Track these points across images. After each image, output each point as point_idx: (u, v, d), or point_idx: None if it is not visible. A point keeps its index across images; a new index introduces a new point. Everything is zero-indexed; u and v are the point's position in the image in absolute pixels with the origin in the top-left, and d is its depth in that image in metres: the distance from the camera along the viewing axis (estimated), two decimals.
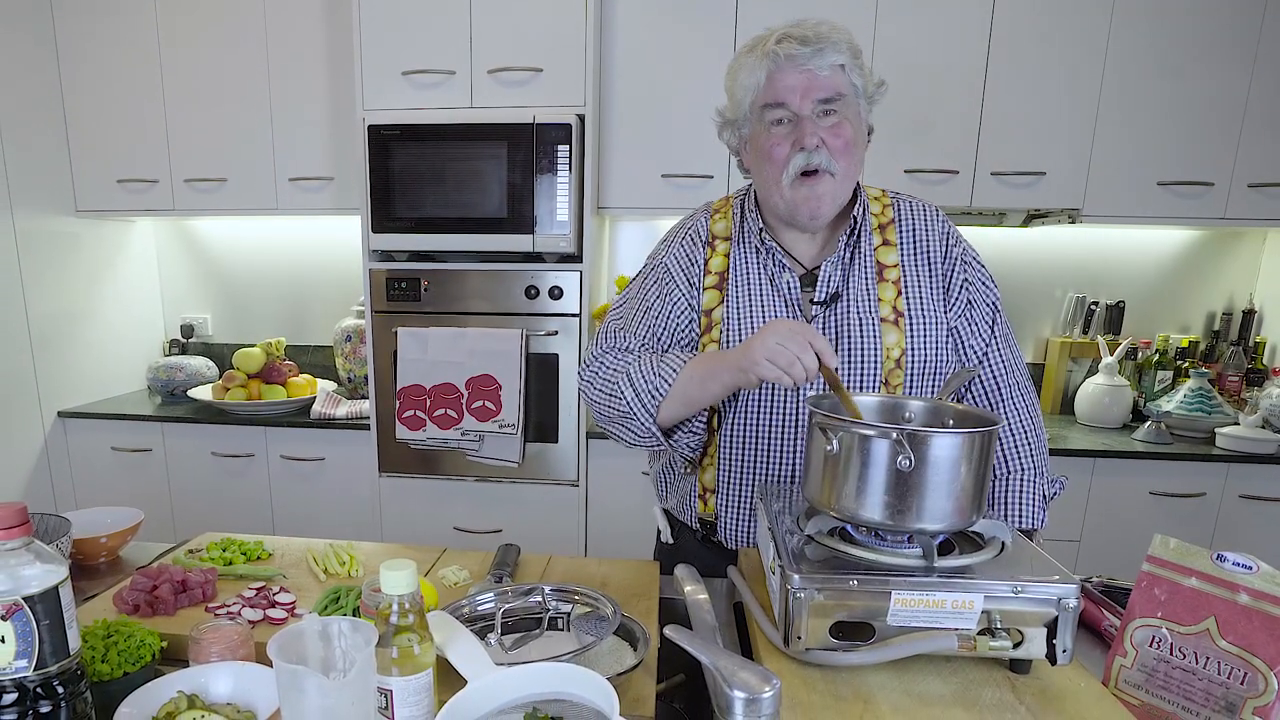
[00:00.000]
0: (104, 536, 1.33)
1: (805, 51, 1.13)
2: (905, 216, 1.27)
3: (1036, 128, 2.45)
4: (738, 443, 1.28)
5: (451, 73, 2.41)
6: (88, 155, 2.81)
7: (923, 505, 0.85)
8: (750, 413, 1.26)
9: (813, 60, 1.13)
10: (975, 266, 1.28)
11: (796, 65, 1.14)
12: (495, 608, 1.02)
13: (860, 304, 1.23)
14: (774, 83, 1.16)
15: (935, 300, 1.24)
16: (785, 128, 1.17)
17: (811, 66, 1.13)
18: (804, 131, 1.15)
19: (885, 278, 1.24)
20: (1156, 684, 0.86)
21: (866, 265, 1.24)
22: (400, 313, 2.53)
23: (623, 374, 1.25)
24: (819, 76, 1.14)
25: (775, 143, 1.18)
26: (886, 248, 1.25)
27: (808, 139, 1.15)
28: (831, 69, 1.14)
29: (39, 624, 0.72)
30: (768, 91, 1.17)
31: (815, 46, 1.12)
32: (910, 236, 1.26)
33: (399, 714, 0.73)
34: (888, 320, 1.22)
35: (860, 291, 1.23)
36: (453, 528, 2.62)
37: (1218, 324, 2.84)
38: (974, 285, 1.26)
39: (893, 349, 1.21)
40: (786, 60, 1.14)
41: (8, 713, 0.73)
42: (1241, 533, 2.37)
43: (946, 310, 1.25)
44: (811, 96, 1.14)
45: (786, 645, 0.86)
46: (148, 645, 0.91)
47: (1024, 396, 1.29)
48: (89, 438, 2.79)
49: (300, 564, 1.26)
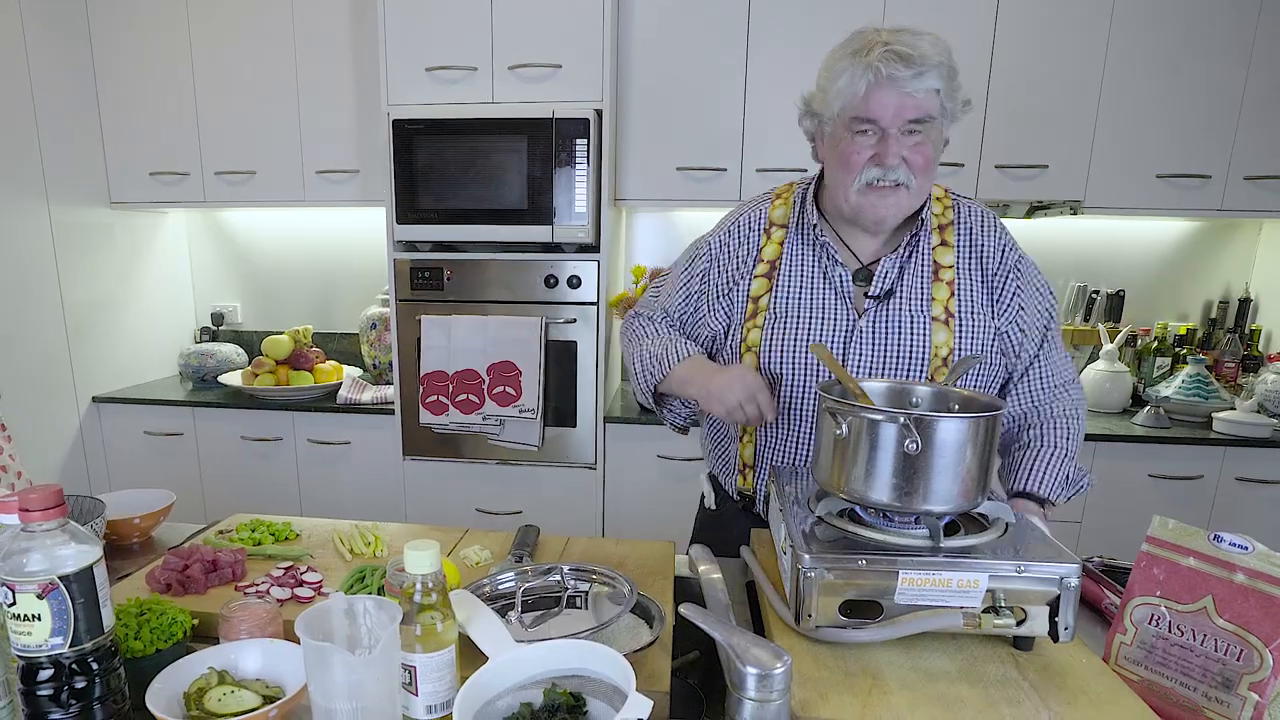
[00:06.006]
0: (137, 518, 1.35)
1: (906, 74, 1.11)
2: (965, 219, 1.28)
3: (1039, 122, 2.48)
4: (777, 425, 1.31)
5: (473, 69, 2.44)
6: (121, 149, 2.86)
7: (929, 487, 0.86)
8: (791, 394, 1.28)
9: (912, 83, 1.11)
10: (1031, 274, 1.28)
11: (896, 85, 1.12)
12: (516, 586, 1.03)
13: (914, 301, 1.24)
14: (870, 98, 1.14)
15: (984, 304, 1.25)
16: (869, 139, 1.17)
17: (910, 89, 1.12)
18: (888, 150, 1.15)
19: (940, 278, 1.25)
20: (1155, 660, 0.88)
21: (924, 264, 1.25)
22: (424, 301, 2.57)
23: (639, 345, 1.41)
24: (914, 99, 1.13)
25: (856, 150, 1.18)
26: (944, 248, 1.26)
27: (890, 158, 1.15)
28: (927, 92, 1.13)
29: (74, 602, 0.73)
30: (862, 105, 1.15)
31: (917, 70, 1.10)
32: (967, 239, 1.26)
33: (422, 689, 0.74)
34: (939, 319, 1.23)
35: (915, 289, 1.24)
36: (474, 509, 2.66)
37: (1215, 312, 2.89)
38: (1027, 292, 1.26)
39: (941, 348, 1.22)
40: (888, 79, 1.12)
41: (44, 688, 0.73)
42: (1238, 514, 2.40)
43: (995, 315, 1.25)
44: (903, 116, 1.14)
45: (797, 623, 0.88)
46: (179, 623, 0.92)
47: (1071, 395, 1.31)
48: (122, 422, 2.85)
49: (327, 544, 1.28)
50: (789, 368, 1.27)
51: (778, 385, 1.28)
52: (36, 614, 0.72)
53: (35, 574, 0.72)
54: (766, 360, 1.28)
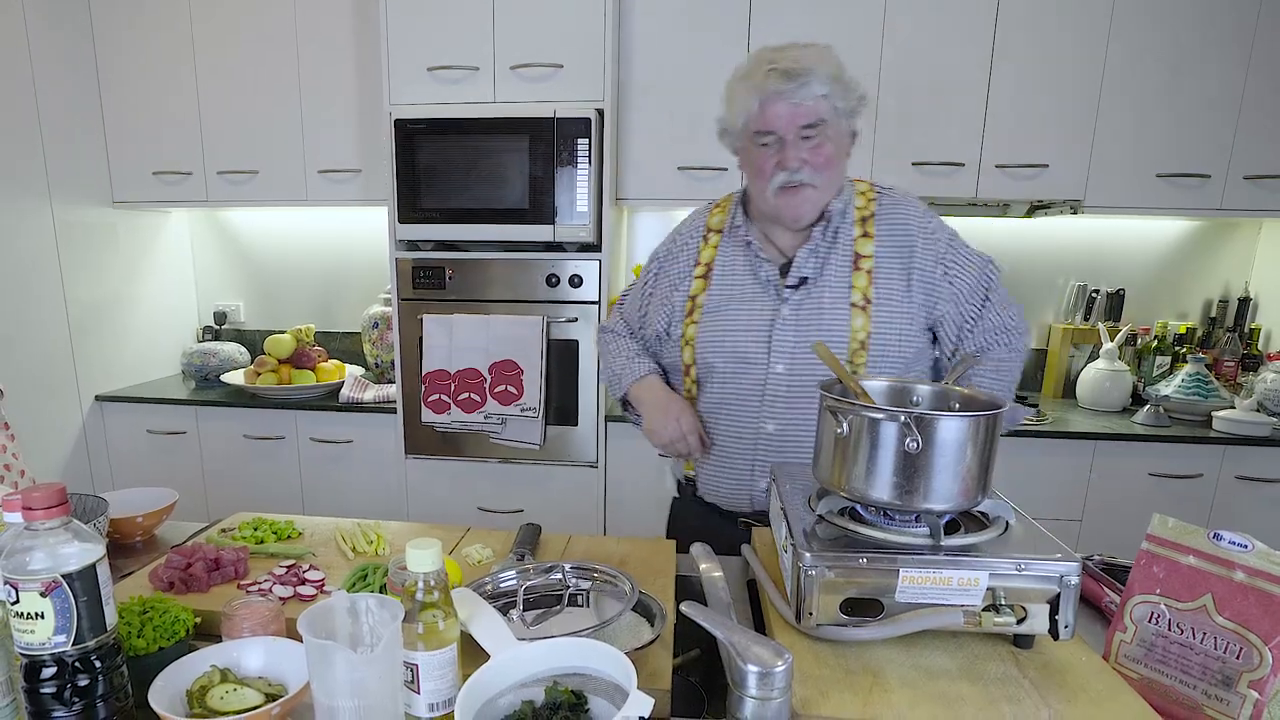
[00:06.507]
0: (140, 516, 1.35)
1: (790, 86, 1.24)
2: (886, 211, 1.37)
3: (1039, 122, 2.49)
4: (709, 411, 1.43)
5: (475, 68, 2.44)
6: (124, 148, 2.87)
7: (930, 486, 0.87)
8: (724, 383, 1.40)
9: (797, 94, 1.25)
10: (962, 253, 1.35)
11: (784, 98, 1.26)
12: (517, 585, 1.03)
13: (833, 289, 1.34)
14: (763, 112, 1.28)
15: (904, 289, 1.33)
16: (772, 149, 1.30)
17: (796, 99, 1.25)
18: (788, 155, 1.28)
19: (860, 267, 1.34)
20: (1155, 658, 0.88)
21: (845, 255, 1.35)
22: (426, 300, 2.57)
23: (604, 360, 1.59)
24: (803, 106, 1.26)
25: (763, 159, 1.32)
26: (865, 239, 1.35)
27: (791, 161, 1.28)
28: (814, 99, 1.26)
29: (77, 600, 0.73)
30: (758, 119, 1.29)
31: (800, 81, 1.24)
32: (888, 229, 1.35)
33: (424, 687, 0.75)
34: (857, 305, 1.32)
35: (834, 278, 1.34)
36: (476, 508, 2.67)
37: (1214, 311, 2.90)
38: (959, 271, 1.34)
39: (858, 331, 1.31)
40: (774, 94, 1.26)
41: (47, 686, 0.73)
42: (1237, 512, 2.40)
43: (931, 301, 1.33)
44: (796, 123, 1.27)
45: (798, 621, 0.88)
46: (182, 621, 0.92)
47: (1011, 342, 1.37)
48: (125, 421, 2.86)
49: (329, 543, 1.29)
50: (721, 358, 1.39)
51: (711, 375, 1.41)
52: (40, 612, 0.72)
53: (38, 572, 0.72)
54: (701, 351, 1.41)
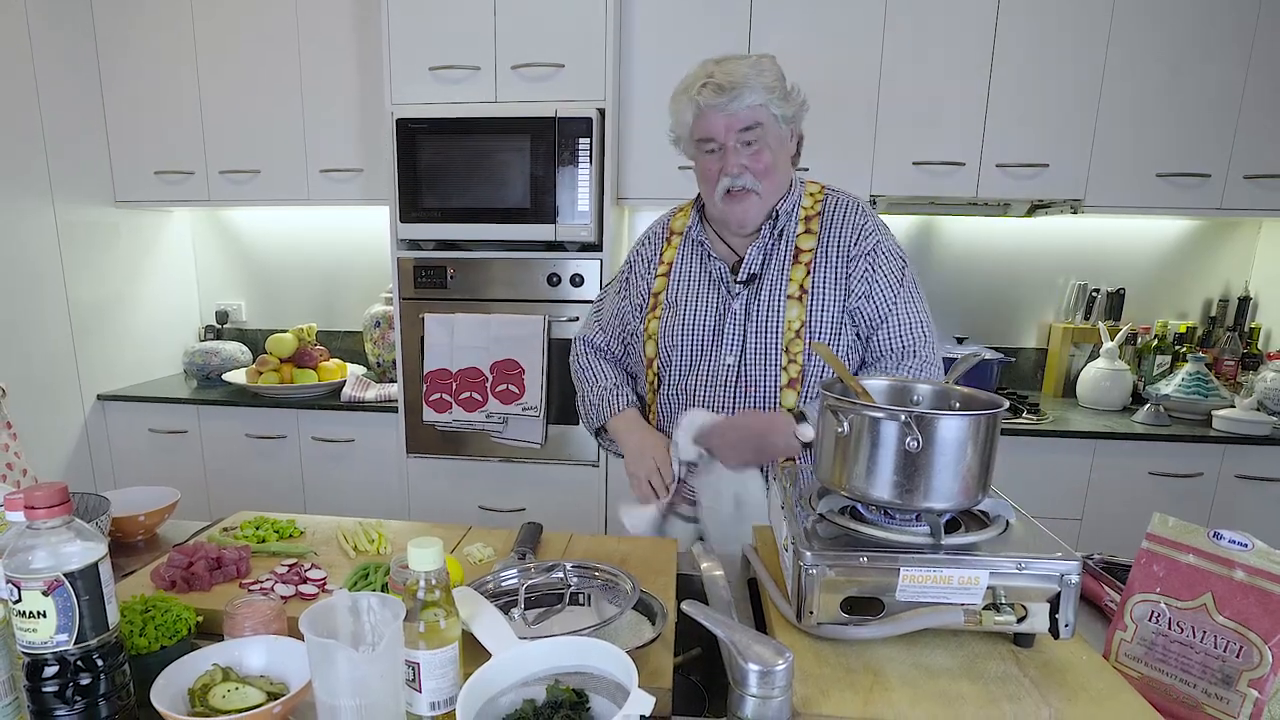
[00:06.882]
0: (142, 515, 1.36)
1: (722, 100, 1.31)
2: (831, 209, 1.44)
3: (1040, 121, 2.49)
4: (672, 401, 1.50)
5: (476, 68, 2.45)
6: (126, 148, 2.88)
7: (930, 485, 0.87)
8: (682, 372, 1.48)
9: (730, 105, 1.31)
10: (887, 256, 1.40)
11: (719, 110, 1.32)
12: (518, 584, 1.03)
13: (774, 283, 1.41)
14: (701, 122, 1.36)
15: (838, 282, 1.40)
16: (714, 156, 1.37)
17: (731, 110, 1.32)
18: (728, 161, 1.35)
19: (799, 260, 1.41)
20: (1155, 657, 0.88)
21: (788, 251, 1.42)
22: (427, 299, 2.58)
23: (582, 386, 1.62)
24: (738, 115, 1.32)
25: (707, 165, 1.39)
26: (808, 235, 1.43)
27: (731, 167, 1.35)
28: (750, 108, 1.32)
29: (79, 599, 0.73)
30: (697, 128, 1.37)
31: (732, 94, 1.30)
32: (829, 226, 1.42)
33: (426, 685, 0.75)
34: (793, 297, 1.39)
35: (776, 272, 1.42)
36: (477, 506, 2.67)
37: (1214, 310, 2.90)
38: (879, 271, 1.39)
39: (794, 321, 1.39)
40: (707, 107, 1.33)
41: (49, 684, 0.73)
42: (1237, 511, 2.41)
43: (850, 294, 1.39)
44: (733, 129, 1.33)
45: (799, 620, 0.88)
46: (184, 620, 0.92)
47: (907, 366, 1.39)
48: (127, 420, 2.86)
49: (331, 541, 1.29)
50: (678, 352, 1.47)
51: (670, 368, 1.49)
52: (42, 610, 0.72)
53: (40, 571, 0.72)
54: (661, 345, 1.49)
